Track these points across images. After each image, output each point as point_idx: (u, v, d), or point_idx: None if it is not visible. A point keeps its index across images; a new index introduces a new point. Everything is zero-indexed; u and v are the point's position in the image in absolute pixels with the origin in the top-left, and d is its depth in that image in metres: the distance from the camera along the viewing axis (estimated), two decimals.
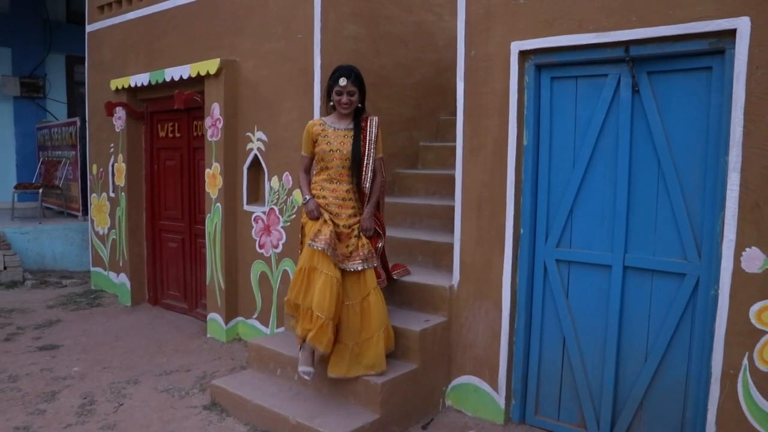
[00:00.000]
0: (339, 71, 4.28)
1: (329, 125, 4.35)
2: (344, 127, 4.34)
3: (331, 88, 4.28)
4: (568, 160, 4.12)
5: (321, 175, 4.36)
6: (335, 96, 4.26)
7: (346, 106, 4.26)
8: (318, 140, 4.32)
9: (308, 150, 4.43)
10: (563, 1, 3.93)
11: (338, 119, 4.37)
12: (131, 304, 7.69)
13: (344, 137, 4.31)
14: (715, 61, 3.52)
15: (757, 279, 3.36)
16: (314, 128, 4.36)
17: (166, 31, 6.83)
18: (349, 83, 4.21)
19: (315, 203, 4.29)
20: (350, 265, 4.23)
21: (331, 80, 4.28)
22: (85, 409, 4.76)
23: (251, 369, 5.03)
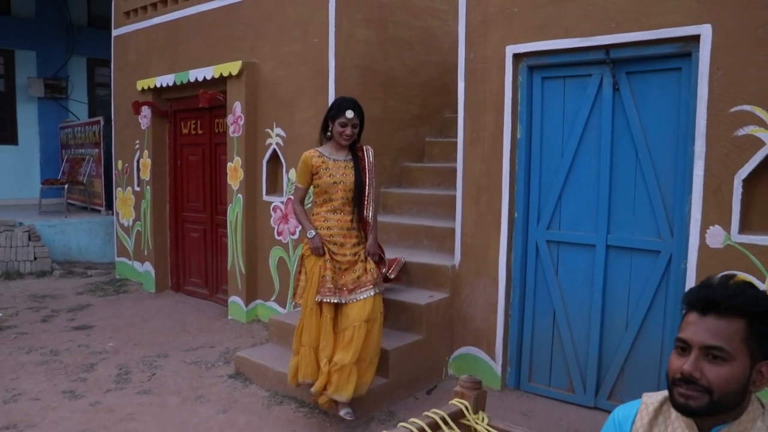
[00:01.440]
0: (345, 103, 4.28)
1: (328, 157, 4.31)
2: (343, 158, 4.33)
3: (333, 119, 4.26)
4: (557, 151, 4.60)
5: (324, 207, 4.34)
6: (338, 127, 4.24)
7: (347, 138, 4.27)
8: (319, 172, 4.28)
9: (305, 181, 4.38)
10: (551, 10, 4.41)
11: (335, 150, 4.35)
12: (155, 291, 8.20)
13: (345, 168, 4.29)
14: (684, 63, 4.00)
15: (719, 253, 3.83)
16: (313, 160, 4.30)
17: (189, 34, 7.35)
18: (355, 116, 4.24)
19: (321, 239, 4.25)
20: (360, 293, 4.23)
21: (333, 111, 4.28)
22: (122, 378, 5.27)
23: (271, 343, 5.53)
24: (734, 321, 1.54)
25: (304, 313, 4.32)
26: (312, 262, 4.29)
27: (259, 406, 4.71)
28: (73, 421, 4.46)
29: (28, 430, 4.31)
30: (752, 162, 3.69)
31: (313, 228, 4.30)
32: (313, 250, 4.25)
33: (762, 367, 1.57)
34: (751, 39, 3.65)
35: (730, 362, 1.53)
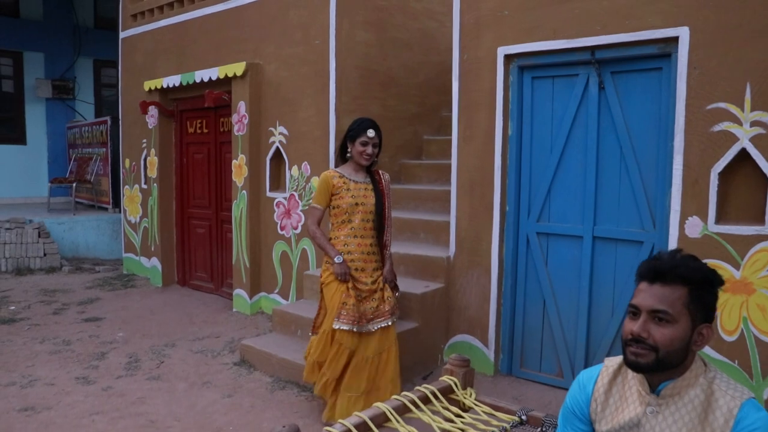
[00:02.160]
0: (365, 123, 4.25)
1: (348, 177, 4.26)
2: (363, 180, 4.28)
3: (353, 139, 4.22)
4: (546, 147, 4.83)
5: (343, 230, 4.25)
6: (359, 147, 4.19)
7: (368, 157, 4.22)
8: (340, 193, 4.21)
9: (324, 202, 4.28)
10: (540, 13, 4.65)
11: (354, 171, 4.30)
12: (162, 285, 8.45)
13: (365, 190, 4.24)
14: (664, 63, 4.23)
15: (697, 242, 4.05)
16: (334, 180, 4.23)
17: (195, 37, 7.59)
18: (376, 135, 4.22)
19: (347, 266, 4.16)
20: (377, 323, 4.20)
21: (354, 132, 4.24)
22: (132, 365, 5.52)
23: (275, 332, 5.77)
24: (678, 288, 1.78)
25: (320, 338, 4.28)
26: (334, 288, 4.18)
27: (263, 390, 4.95)
28: (87, 404, 4.70)
29: (45, 411, 4.56)
30: (727, 156, 3.91)
31: (339, 253, 4.16)
32: (340, 276, 4.14)
33: (702, 329, 1.80)
34: (724, 41, 3.88)
35: (673, 324, 1.76)
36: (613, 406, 1.93)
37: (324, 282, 4.28)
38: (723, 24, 3.88)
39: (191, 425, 4.34)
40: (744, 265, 3.89)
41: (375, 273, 4.27)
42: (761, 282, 3.84)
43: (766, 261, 3.81)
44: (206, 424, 4.35)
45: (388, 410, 2.86)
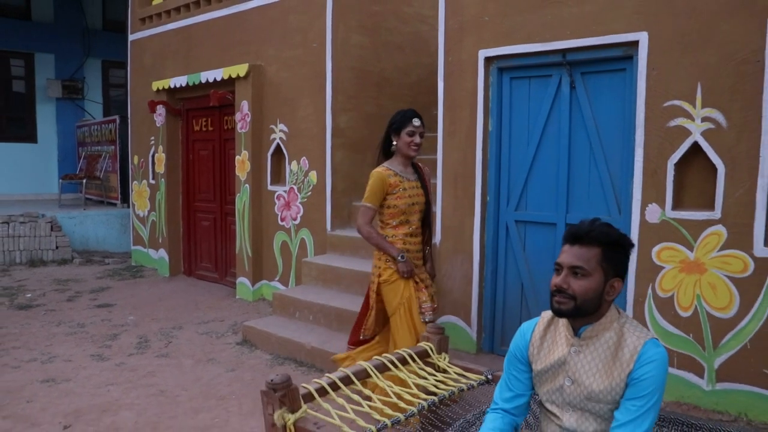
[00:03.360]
0: (408, 112, 4.18)
1: (402, 176, 4.18)
2: (413, 177, 4.24)
3: (398, 131, 4.15)
4: (523, 141, 5.25)
5: (401, 229, 4.19)
6: (406, 137, 4.12)
7: (416, 148, 4.16)
8: (397, 192, 4.13)
9: (378, 201, 4.18)
10: (517, 19, 5.07)
11: (404, 166, 4.23)
12: (169, 275, 8.90)
13: (416, 188, 4.21)
14: (627, 65, 4.64)
15: (656, 227, 4.47)
16: (390, 179, 4.12)
17: (201, 39, 8.03)
18: (421, 124, 4.16)
19: (411, 262, 4.14)
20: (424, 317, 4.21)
21: (398, 123, 4.15)
22: (142, 345, 5.96)
23: (275, 315, 6.21)
24: (592, 248, 2.20)
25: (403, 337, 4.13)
26: (401, 285, 4.12)
27: (263, 366, 5.38)
28: (102, 377, 5.14)
29: (64, 383, 5.00)
30: (682, 149, 4.33)
31: (401, 251, 4.11)
32: (406, 273, 4.10)
33: (614, 282, 2.23)
34: (679, 45, 4.30)
35: (588, 277, 2.18)
36: (546, 349, 2.36)
37: (387, 281, 4.14)
38: (677, 30, 4.30)
39: (197, 394, 4.77)
40: (697, 247, 4.31)
41: (423, 270, 4.33)
42: (712, 262, 4.25)
43: (716, 243, 4.23)
44: (211, 394, 4.78)
45: (369, 367, 3.30)
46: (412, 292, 4.14)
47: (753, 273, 4.10)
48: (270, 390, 2.82)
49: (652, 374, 2.10)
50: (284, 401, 2.82)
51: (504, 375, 2.48)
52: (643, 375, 2.10)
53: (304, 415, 2.84)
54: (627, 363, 2.15)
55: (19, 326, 6.54)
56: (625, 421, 2.09)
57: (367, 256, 6.20)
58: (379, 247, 4.18)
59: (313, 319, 5.77)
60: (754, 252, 4.09)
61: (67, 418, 4.36)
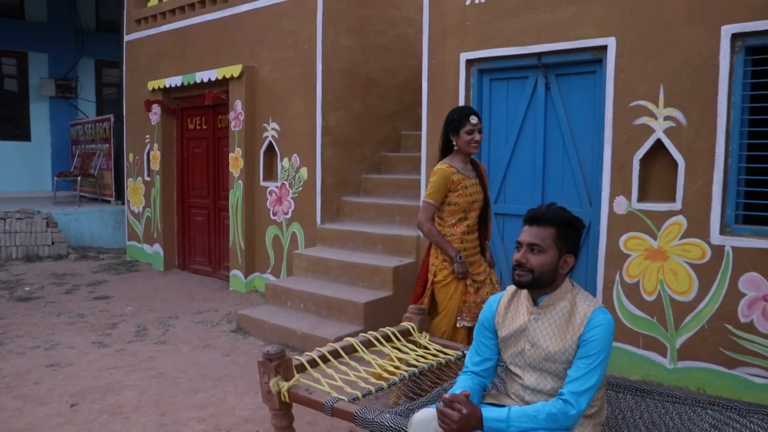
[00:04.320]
0: (465, 110, 4.14)
1: (463, 173, 4.14)
2: (472, 175, 4.20)
3: (457, 130, 4.08)
4: (502, 138, 5.59)
5: (459, 227, 4.14)
6: (465, 136, 4.06)
7: (476, 145, 4.12)
8: (458, 190, 4.09)
9: (440, 198, 4.13)
10: (496, 24, 5.41)
11: (464, 163, 4.19)
12: (164, 270, 9.18)
13: (475, 185, 4.18)
14: (597, 67, 4.99)
15: (623, 218, 4.82)
16: (454, 177, 4.08)
17: (196, 41, 8.33)
18: (479, 121, 4.10)
19: (467, 264, 4.12)
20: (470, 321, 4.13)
21: (456, 123, 4.10)
22: (141, 333, 6.25)
23: (267, 304, 6.52)
24: (548, 228, 2.53)
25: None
26: (453, 288, 4.13)
27: (256, 351, 5.68)
28: (104, 361, 5.43)
29: (68, 367, 5.29)
30: (646, 145, 4.68)
31: (458, 252, 4.08)
32: (461, 274, 4.09)
33: (567, 258, 2.56)
34: (643, 50, 4.65)
35: (544, 253, 2.52)
36: (510, 318, 2.69)
37: (440, 282, 4.16)
38: (642, 36, 4.65)
39: (195, 376, 5.07)
40: (660, 236, 4.66)
41: (482, 264, 4.26)
42: (674, 250, 4.61)
43: (677, 232, 4.58)
44: (208, 375, 5.09)
45: (355, 343, 3.62)
46: (459, 298, 4.11)
47: (710, 259, 4.45)
48: (266, 360, 3.15)
49: (599, 336, 2.43)
50: (279, 370, 3.14)
51: (474, 342, 2.81)
52: (592, 337, 2.44)
53: (296, 383, 3.17)
54: (578, 327, 2.48)
55: (21, 317, 6.80)
56: (576, 377, 2.42)
57: (355, 248, 6.56)
58: (438, 245, 4.16)
59: (303, 307, 6.09)
60: (710, 240, 4.45)
61: (73, 398, 4.65)
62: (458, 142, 4.11)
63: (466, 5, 5.57)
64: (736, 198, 4.43)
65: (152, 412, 4.36)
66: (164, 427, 4.12)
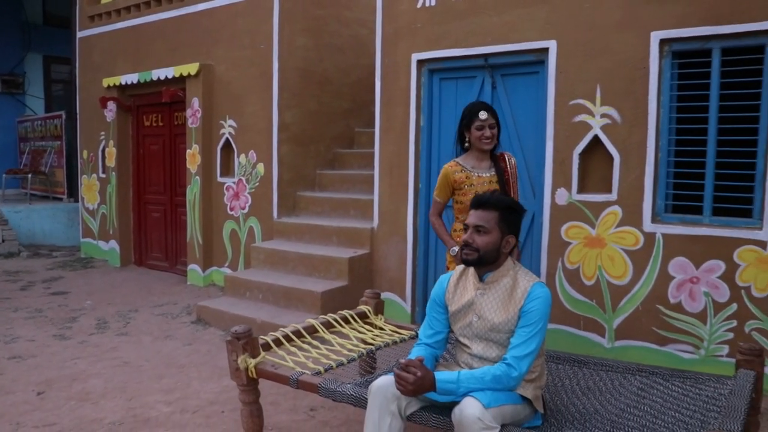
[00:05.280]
0: (475, 106, 4.10)
1: (471, 171, 4.09)
2: (488, 173, 4.10)
3: (468, 126, 4.07)
4: (451, 135, 5.86)
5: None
6: (475, 132, 4.02)
7: (488, 141, 4.03)
8: (463, 189, 4.08)
9: (444, 196, 4.20)
10: (445, 27, 5.71)
11: (477, 161, 4.12)
12: (120, 266, 9.25)
13: (489, 184, 4.06)
14: (540, 68, 5.34)
15: (564, 208, 5.18)
16: (456, 175, 4.08)
17: (152, 39, 8.43)
18: (489, 116, 4.02)
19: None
20: None
21: (466, 119, 4.08)
22: (101, 326, 6.37)
23: (226, 296, 6.71)
24: (492, 212, 2.83)
25: None
26: None
27: (218, 340, 5.88)
28: (66, 353, 5.55)
29: (31, 358, 5.40)
30: (584, 141, 5.04)
31: (456, 244, 4.03)
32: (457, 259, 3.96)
33: (508, 238, 2.86)
34: (582, 52, 5.01)
35: (488, 234, 2.81)
36: (459, 294, 2.98)
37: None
38: (580, 40, 5.01)
39: (159, 364, 5.25)
40: (598, 225, 5.03)
41: None
42: (610, 237, 4.98)
43: (613, 221, 4.95)
44: (171, 363, 5.26)
45: (317, 324, 3.87)
46: None
47: (643, 246, 4.84)
48: (234, 339, 3.38)
49: (537, 307, 2.74)
50: (246, 348, 3.38)
51: (426, 317, 3.10)
52: (531, 308, 2.74)
53: (263, 360, 3.41)
54: (519, 300, 2.79)
55: None
56: (518, 344, 2.72)
57: (312, 241, 6.80)
58: (439, 237, 4.28)
59: (262, 298, 6.30)
60: (643, 228, 4.83)
61: (40, 386, 4.77)
62: (470, 138, 4.08)
63: (417, 8, 5.86)
64: (666, 189, 4.82)
65: (120, 397, 4.52)
66: (132, 410, 4.30)
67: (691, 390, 3.09)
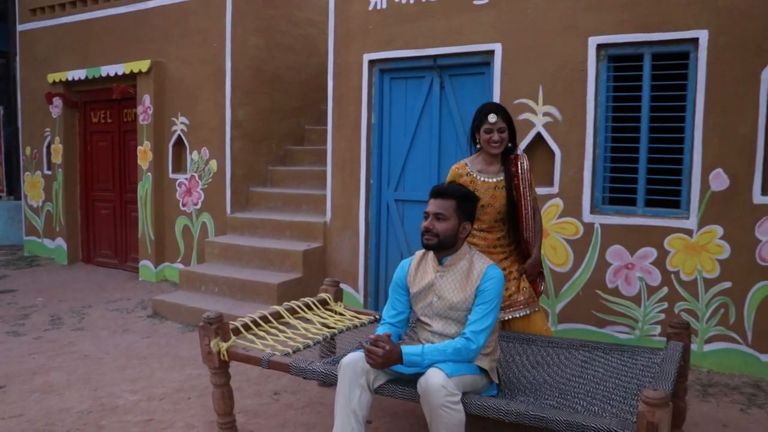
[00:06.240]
0: (486, 107, 3.94)
1: (477, 174, 3.94)
2: (494, 177, 3.93)
3: (478, 128, 3.91)
4: (401, 132, 6.18)
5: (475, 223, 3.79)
6: (484, 135, 3.87)
7: (497, 144, 3.86)
8: None
9: None
10: (396, 29, 5.97)
11: (486, 164, 3.97)
12: (68, 263, 9.19)
13: (495, 189, 3.91)
14: (486, 69, 5.66)
15: None
16: (461, 179, 3.91)
17: (100, 34, 8.40)
18: (499, 119, 3.85)
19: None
20: (509, 313, 3.93)
21: (477, 120, 3.94)
22: (56, 322, 6.39)
23: (182, 290, 6.82)
24: (449, 200, 3.10)
25: None
26: None
27: (176, 333, 6.00)
28: (23, 348, 5.58)
29: None
30: (528, 138, 5.39)
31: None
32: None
33: (465, 225, 3.13)
34: (525, 55, 5.35)
35: (447, 221, 3.08)
36: (419, 277, 3.24)
37: None
38: (524, 43, 5.35)
39: (120, 356, 5.34)
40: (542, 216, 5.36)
41: (502, 263, 3.92)
42: (553, 228, 5.33)
43: (555, 213, 5.31)
44: (132, 355, 5.37)
45: (282, 310, 4.08)
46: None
47: (582, 235, 5.21)
48: (207, 324, 3.56)
49: (492, 287, 3.03)
50: (218, 332, 3.57)
51: (389, 299, 3.35)
52: (487, 288, 3.03)
53: (234, 344, 3.60)
54: (475, 280, 3.07)
55: None
56: (475, 320, 3.00)
57: (266, 235, 6.98)
58: None
59: (218, 291, 6.44)
60: (583, 218, 5.20)
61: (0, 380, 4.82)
62: (480, 140, 3.94)
63: (368, 10, 6.11)
64: (603, 182, 5.21)
65: (84, 388, 4.62)
66: (99, 400, 4.40)
67: (628, 361, 3.43)
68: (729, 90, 4.66)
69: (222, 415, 3.70)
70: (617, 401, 2.90)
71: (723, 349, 4.79)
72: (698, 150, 4.78)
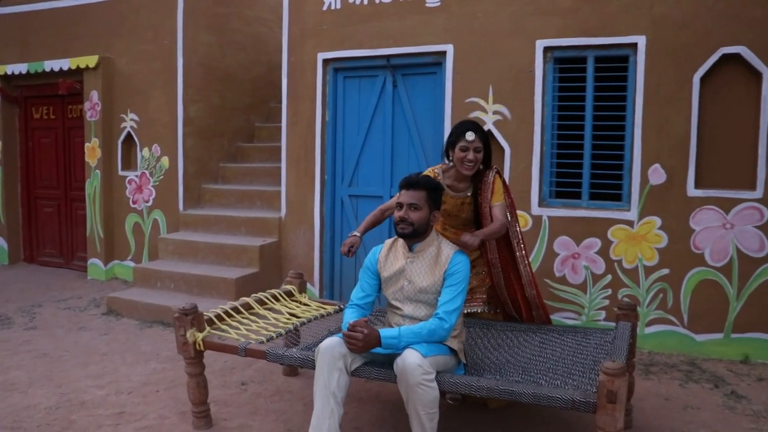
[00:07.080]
0: (464, 125, 3.82)
1: (447, 189, 3.88)
2: (462, 193, 3.91)
3: (454, 145, 3.80)
4: (355, 129, 6.35)
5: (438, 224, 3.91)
6: (459, 152, 3.76)
7: (470, 165, 3.77)
8: None
9: None
10: (350, 29, 6.15)
11: (457, 180, 3.91)
12: (8, 263, 8.99)
13: (462, 205, 3.92)
14: (438, 69, 5.89)
15: None
16: None
17: (42, 28, 8.23)
18: (477, 138, 3.74)
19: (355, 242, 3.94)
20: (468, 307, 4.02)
21: (454, 135, 3.82)
22: (5, 321, 6.30)
23: (136, 287, 6.82)
24: (421, 191, 3.30)
25: None
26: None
27: (134, 329, 6.01)
28: None
29: None
30: None
31: (358, 231, 4.04)
32: (342, 247, 3.95)
33: (435, 213, 3.35)
34: (476, 56, 5.60)
35: (419, 210, 3.28)
36: (390, 262, 3.43)
37: None
38: (474, 45, 5.60)
39: (80, 353, 5.34)
40: None
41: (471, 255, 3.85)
42: None
43: None
44: (93, 352, 5.37)
45: (251, 301, 4.21)
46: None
47: (532, 227, 5.50)
48: (182, 315, 3.67)
49: (459, 270, 3.25)
50: (194, 323, 3.68)
51: (359, 282, 3.54)
52: (456, 270, 3.25)
53: (209, 334, 3.72)
54: (443, 265, 3.29)
55: None
56: (446, 300, 3.22)
57: (220, 231, 7.05)
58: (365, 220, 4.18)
59: (174, 287, 6.48)
60: (531, 211, 5.49)
61: None
62: (453, 157, 3.83)
63: (323, 10, 6.26)
64: (550, 177, 5.51)
65: (48, 385, 4.62)
66: (65, 396, 4.43)
67: (582, 341, 3.71)
68: (665, 91, 5.03)
69: (197, 404, 3.82)
70: (577, 375, 3.16)
71: (662, 331, 5.17)
72: (638, 146, 5.13)
